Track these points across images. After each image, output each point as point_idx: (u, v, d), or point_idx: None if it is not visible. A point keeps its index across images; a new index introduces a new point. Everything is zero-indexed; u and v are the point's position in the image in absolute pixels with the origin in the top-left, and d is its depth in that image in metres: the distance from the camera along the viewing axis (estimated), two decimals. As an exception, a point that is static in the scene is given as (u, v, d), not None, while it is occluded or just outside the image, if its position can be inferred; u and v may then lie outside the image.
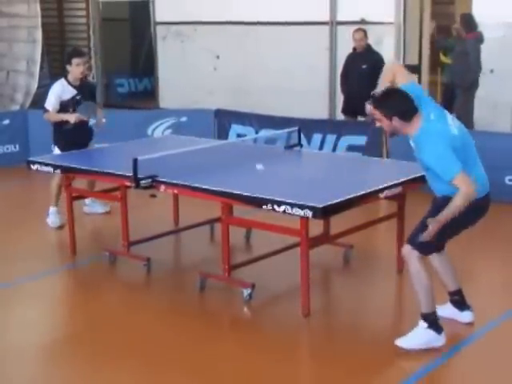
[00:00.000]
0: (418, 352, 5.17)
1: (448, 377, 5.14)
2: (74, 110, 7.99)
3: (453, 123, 5.14)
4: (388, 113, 5.06)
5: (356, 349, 5.29)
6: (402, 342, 5.22)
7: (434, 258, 5.48)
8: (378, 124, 5.20)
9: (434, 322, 5.22)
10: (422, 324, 5.22)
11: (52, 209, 8.24)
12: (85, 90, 8.21)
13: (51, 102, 7.97)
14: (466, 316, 5.63)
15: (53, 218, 8.20)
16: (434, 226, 4.98)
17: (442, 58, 11.84)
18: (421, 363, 5.07)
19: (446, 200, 5.03)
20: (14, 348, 5.55)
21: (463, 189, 4.91)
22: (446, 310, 5.57)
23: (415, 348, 5.18)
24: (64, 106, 8.03)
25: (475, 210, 5.19)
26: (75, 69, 8.13)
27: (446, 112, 5.25)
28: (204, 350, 5.37)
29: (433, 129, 5.02)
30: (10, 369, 5.22)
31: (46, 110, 8.04)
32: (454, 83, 10.99)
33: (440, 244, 5.36)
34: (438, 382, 5.01)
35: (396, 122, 5.06)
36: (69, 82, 8.11)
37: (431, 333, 5.21)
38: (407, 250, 5.22)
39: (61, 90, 8.02)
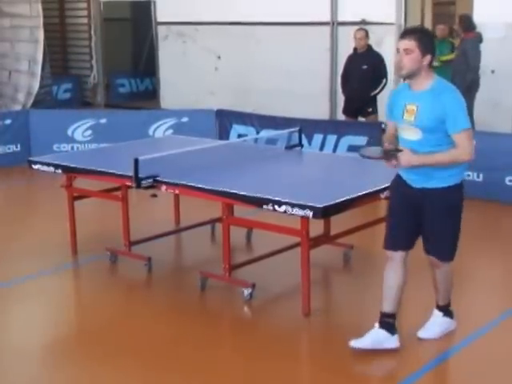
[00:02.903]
0: (418, 352, 5.19)
1: (448, 376, 5.16)
2: None
3: None
4: (426, 48, 4.84)
5: (356, 349, 5.29)
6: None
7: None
8: (389, 165, 5.05)
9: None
10: (438, 313, 5.45)
11: None
12: None
13: None
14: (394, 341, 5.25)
15: None
16: (408, 161, 4.86)
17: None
18: (421, 363, 5.09)
19: (444, 193, 4.95)
20: (13, 348, 5.55)
21: (466, 146, 4.79)
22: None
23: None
24: None
25: (460, 198, 5.09)
26: None
27: None
28: (204, 350, 5.38)
29: (450, 83, 5.04)
30: (10, 369, 5.23)
31: None
32: (454, 84, 10.98)
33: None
34: (438, 381, 5.03)
35: (426, 61, 4.85)
36: None
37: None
38: (436, 262, 5.21)
39: None
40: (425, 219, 5.06)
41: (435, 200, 4.99)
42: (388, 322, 5.18)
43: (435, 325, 5.41)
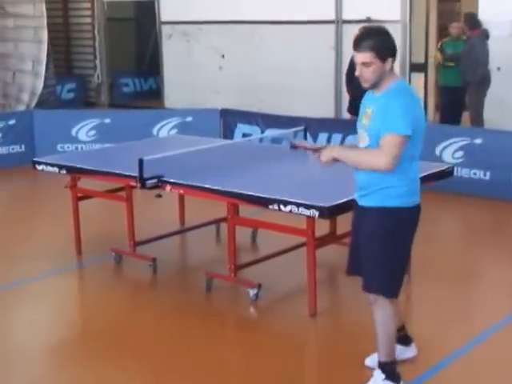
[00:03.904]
0: (426, 353, 5.14)
1: (456, 377, 5.10)
2: None
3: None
4: (385, 53, 4.34)
5: (363, 349, 5.25)
6: None
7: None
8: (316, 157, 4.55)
9: (392, 372, 4.63)
10: (380, 375, 4.63)
11: None
12: None
13: None
14: (412, 350, 5.03)
15: None
16: (328, 154, 4.43)
17: (438, 56, 11.77)
18: (428, 364, 5.04)
19: (377, 213, 4.43)
20: (19, 349, 5.54)
21: (387, 152, 4.20)
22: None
23: None
24: None
25: (397, 223, 4.44)
26: None
27: None
28: (210, 350, 5.35)
29: (409, 89, 4.51)
30: (15, 369, 5.21)
31: None
32: (465, 81, 10.94)
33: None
34: (445, 382, 4.98)
35: (388, 66, 4.35)
36: None
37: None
38: (372, 298, 4.58)
39: None
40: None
41: (367, 219, 4.52)
42: (399, 336, 4.91)
43: None
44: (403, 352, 4.94)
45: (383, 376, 4.61)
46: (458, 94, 11.28)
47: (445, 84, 11.68)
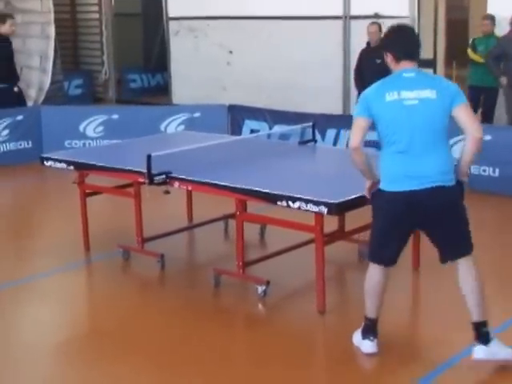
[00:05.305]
0: (435, 352, 5.12)
1: (465, 375, 5.06)
2: None
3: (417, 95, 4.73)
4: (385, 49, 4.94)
5: (372, 346, 5.23)
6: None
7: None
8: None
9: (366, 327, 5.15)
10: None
11: None
12: None
13: None
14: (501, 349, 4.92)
15: None
16: None
17: (472, 55, 11.24)
18: (436, 362, 5.00)
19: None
20: (26, 345, 5.53)
21: (350, 140, 4.88)
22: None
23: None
24: None
25: (381, 205, 4.91)
26: None
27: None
28: (218, 347, 5.34)
29: (387, 80, 4.95)
30: (23, 367, 5.20)
31: None
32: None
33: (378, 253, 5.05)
34: (454, 380, 4.95)
35: (389, 60, 4.94)
36: None
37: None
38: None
39: None
40: None
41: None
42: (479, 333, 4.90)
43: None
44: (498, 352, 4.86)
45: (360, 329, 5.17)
46: (490, 94, 10.94)
47: (475, 84, 11.08)
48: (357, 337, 5.20)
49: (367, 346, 5.08)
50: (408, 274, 6.58)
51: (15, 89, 11.50)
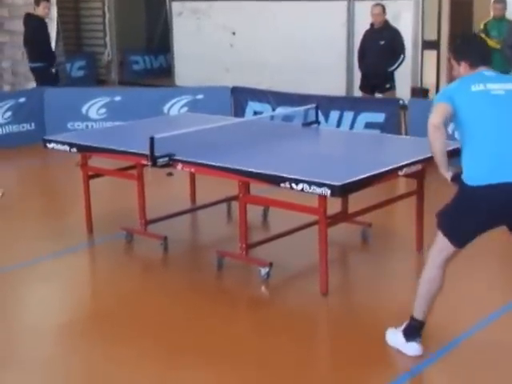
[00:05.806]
0: (442, 330, 5.12)
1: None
2: None
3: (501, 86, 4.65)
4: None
5: (375, 328, 5.23)
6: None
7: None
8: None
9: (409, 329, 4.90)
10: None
11: None
12: None
13: None
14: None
15: None
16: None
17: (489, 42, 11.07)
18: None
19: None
20: (29, 327, 5.54)
21: (430, 118, 4.54)
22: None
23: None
24: None
25: (468, 200, 4.58)
26: None
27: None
28: (221, 329, 5.35)
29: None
30: (25, 348, 5.22)
31: None
32: None
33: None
34: (460, 359, 4.96)
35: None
36: None
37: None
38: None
39: None
40: None
41: None
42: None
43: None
44: None
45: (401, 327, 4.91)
46: None
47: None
48: (394, 337, 4.97)
49: (414, 348, 4.87)
50: (411, 256, 6.58)
51: (53, 70, 11.51)
